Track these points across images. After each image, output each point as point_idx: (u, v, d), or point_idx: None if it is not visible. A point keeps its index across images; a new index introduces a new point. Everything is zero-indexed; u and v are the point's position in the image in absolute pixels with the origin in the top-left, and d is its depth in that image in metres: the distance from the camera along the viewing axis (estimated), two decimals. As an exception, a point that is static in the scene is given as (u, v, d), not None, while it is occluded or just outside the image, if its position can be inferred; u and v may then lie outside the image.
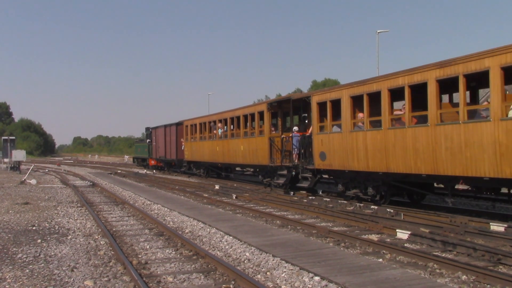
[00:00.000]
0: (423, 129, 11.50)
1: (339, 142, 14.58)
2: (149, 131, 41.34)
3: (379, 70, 38.82)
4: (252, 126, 21.19)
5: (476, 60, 10.18)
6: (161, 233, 10.60)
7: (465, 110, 10.59)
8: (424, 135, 11.48)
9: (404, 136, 12.10)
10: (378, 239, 9.47)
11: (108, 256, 8.38)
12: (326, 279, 6.53)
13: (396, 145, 12.33)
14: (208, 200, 16.84)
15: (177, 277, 6.99)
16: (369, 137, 13.31)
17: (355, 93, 13.88)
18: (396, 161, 12.37)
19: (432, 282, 6.41)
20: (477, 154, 10.13)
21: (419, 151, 11.61)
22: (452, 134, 10.73)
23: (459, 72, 10.51)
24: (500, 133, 9.66)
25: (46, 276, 7.12)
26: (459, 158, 10.55)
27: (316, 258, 7.68)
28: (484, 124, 10.04)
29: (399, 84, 12.19)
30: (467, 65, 10.37)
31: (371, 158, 13.23)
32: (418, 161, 11.65)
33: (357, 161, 13.84)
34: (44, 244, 9.49)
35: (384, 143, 12.75)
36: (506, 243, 8.65)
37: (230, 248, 8.89)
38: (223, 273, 7.10)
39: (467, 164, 10.38)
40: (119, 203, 16.65)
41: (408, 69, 12.14)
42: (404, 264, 7.55)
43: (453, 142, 10.68)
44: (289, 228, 11.05)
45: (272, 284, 6.59)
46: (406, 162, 12.04)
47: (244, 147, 21.32)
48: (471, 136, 10.26)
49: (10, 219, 12.82)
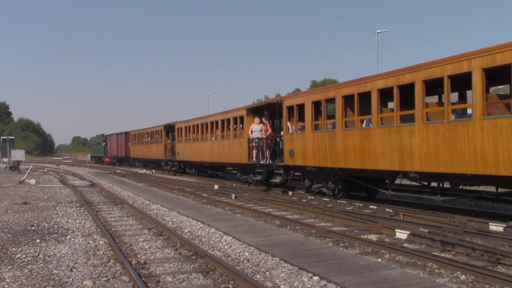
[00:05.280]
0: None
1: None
2: (104, 137, 59.18)
3: (378, 69, 38.78)
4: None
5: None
6: (160, 233, 10.60)
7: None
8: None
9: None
10: (377, 239, 9.48)
11: (107, 256, 8.37)
12: (325, 279, 6.53)
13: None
14: (207, 200, 16.83)
15: (176, 277, 6.99)
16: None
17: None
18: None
19: (431, 282, 6.42)
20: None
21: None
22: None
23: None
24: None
25: (45, 276, 7.11)
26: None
27: (315, 258, 7.68)
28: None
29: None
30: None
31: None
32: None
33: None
34: (43, 244, 9.48)
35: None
36: (505, 243, 8.66)
37: (229, 248, 8.89)
38: (222, 273, 7.09)
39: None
40: (118, 203, 16.64)
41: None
42: (403, 264, 7.56)
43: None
44: (288, 228, 11.05)
45: (271, 284, 6.58)
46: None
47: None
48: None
49: (9, 219, 12.81)
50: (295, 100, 17.24)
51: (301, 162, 16.75)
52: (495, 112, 10.32)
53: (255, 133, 20.25)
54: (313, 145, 15.95)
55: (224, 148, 24.09)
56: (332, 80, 73.12)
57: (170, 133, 35.38)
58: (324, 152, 15.33)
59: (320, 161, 15.54)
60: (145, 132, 41.60)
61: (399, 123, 12.31)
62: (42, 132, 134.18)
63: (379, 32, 37.24)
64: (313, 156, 15.98)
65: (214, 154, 25.74)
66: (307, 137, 16.30)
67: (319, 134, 15.64)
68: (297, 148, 16.98)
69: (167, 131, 35.89)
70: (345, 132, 14.34)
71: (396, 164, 12.43)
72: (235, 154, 22.59)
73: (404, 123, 12.20)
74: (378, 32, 37.15)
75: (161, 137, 36.22)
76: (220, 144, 24.74)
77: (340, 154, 14.51)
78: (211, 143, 26.12)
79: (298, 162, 16.95)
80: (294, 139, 17.22)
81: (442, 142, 10.98)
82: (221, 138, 24.82)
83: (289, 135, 17.55)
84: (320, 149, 15.52)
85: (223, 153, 24.32)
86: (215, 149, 25.47)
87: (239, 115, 22.49)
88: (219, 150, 24.83)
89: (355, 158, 13.90)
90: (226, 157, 23.91)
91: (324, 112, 15.47)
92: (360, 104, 13.77)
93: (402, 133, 12.19)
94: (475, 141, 10.21)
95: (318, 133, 15.66)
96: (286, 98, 18.11)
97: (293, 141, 17.26)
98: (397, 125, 12.33)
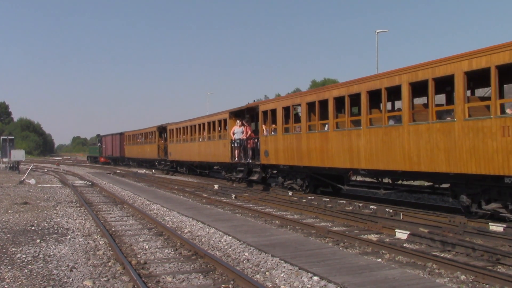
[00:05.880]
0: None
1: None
2: (100, 137, 60.63)
3: (378, 69, 38.76)
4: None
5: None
6: (160, 233, 10.60)
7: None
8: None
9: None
10: (377, 239, 9.48)
11: (107, 256, 8.37)
12: (325, 279, 6.53)
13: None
14: (207, 200, 16.83)
15: (176, 277, 6.99)
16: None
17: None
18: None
19: (431, 282, 6.41)
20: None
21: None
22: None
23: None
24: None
25: (45, 276, 7.11)
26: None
27: (315, 258, 7.68)
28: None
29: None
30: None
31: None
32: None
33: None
34: (43, 244, 9.48)
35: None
36: (505, 243, 8.66)
37: (229, 248, 8.88)
38: (222, 273, 7.09)
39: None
40: (118, 203, 16.64)
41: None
42: (403, 264, 7.56)
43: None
44: (288, 228, 11.05)
45: (271, 284, 6.58)
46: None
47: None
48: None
49: (9, 219, 12.81)
50: (269, 105, 19.20)
51: (274, 161, 18.61)
52: (418, 119, 12.12)
53: (237, 135, 21.99)
54: (284, 146, 17.79)
55: (210, 149, 25.96)
56: (332, 80, 73.14)
57: (163, 134, 37.06)
58: (292, 152, 17.20)
59: (290, 160, 17.45)
60: (139, 133, 43.51)
61: (350, 127, 14.16)
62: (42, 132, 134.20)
63: (379, 32, 37.26)
64: (284, 155, 17.82)
65: (201, 154, 27.61)
66: (279, 138, 18.18)
67: (288, 136, 17.52)
68: (271, 148, 18.82)
69: (160, 132, 37.60)
70: (309, 134, 16.23)
71: (347, 163, 14.26)
72: (220, 154, 24.39)
73: (353, 127, 14.07)
74: (378, 32, 37.17)
75: (154, 137, 38.14)
76: (207, 145, 26.65)
77: (305, 154, 16.37)
78: (199, 143, 27.98)
79: (272, 161, 18.80)
80: (268, 141, 19.08)
81: (381, 144, 12.85)
82: (207, 139, 26.68)
83: (264, 137, 19.42)
84: (289, 149, 17.37)
85: (209, 153, 26.19)
86: (203, 149, 27.36)
87: (223, 118, 24.43)
88: (206, 150, 26.71)
89: (316, 157, 15.78)
90: (212, 157, 25.76)
91: (291, 117, 17.33)
92: (320, 110, 15.61)
93: (351, 136, 14.04)
94: (404, 143, 12.09)
95: (288, 135, 17.54)
96: (261, 104, 20.22)
97: (267, 142, 19.12)
98: (348, 128, 14.20)
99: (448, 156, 10.86)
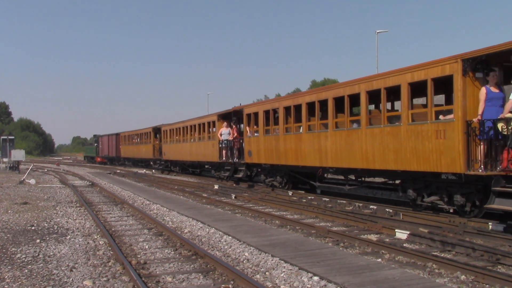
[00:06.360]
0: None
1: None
2: (96, 137, 61.97)
3: (378, 69, 38.76)
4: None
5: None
6: (160, 233, 10.60)
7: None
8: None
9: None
10: (377, 239, 9.48)
11: (107, 256, 8.37)
12: (325, 279, 6.53)
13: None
14: (207, 200, 16.84)
15: (176, 277, 6.99)
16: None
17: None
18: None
19: (431, 282, 6.41)
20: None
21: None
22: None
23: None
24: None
25: (45, 276, 7.11)
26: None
27: (315, 258, 7.68)
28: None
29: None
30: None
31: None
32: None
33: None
34: (43, 244, 9.48)
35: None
36: (505, 243, 8.65)
37: (229, 248, 8.88)
38: (222, 273, 7.09)
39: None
40: (118, 203, 16.64)
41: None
42: (403, 264, 7.56)
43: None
44: (288, 228, 11.05)
45: (271, 284, 6.58)
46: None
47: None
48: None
49: (9, 219, 12.81)
50: (252, 109, 20.84)
51: (257, 160, 20.25)
52: (374, 123, 13.33)
53: (224, 136, 23.57)
54: (265, 146, 19.30)
55: (201, 149, 27.56)
56: (332, 80, 73.12)
57: (158, 134, 38.39)
58: (272, 152, 18.69)
59: (270, 159, 18.97)
60: (135, 134, 45.21)
61: (319, 129, 15.61)
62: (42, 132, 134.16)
63: (379, 32, 37.25)
64: (265, 155, 19.34)
65: (193, 154, 29.22)
66: (260, 139, 19.73)
67: (268, 137, 19.00)
68: (253, 148, 20.43)
69: (155, 133, 38.97)
70: (285, 136, 17.69)
71: (317, 162, 15.64)
72: (209, 154, 25.97)
73: (322, 129, 15.48)
74: (378, 32, 37.17)
75: (150, 138, 39.70)
76: (197, 145, 28.23)
77: (283, 153, 17.83)
78: (190, 144, 29.56)
79: (255, 160, 20.43)
80: (251, 141, 20.71)
81: (344, 145, 14.20)
82: (198, 140, 28.26)
83: (248, 138, 21.01)
84: (270, 149, 18.86)
85: (200, 153, 27.82)
86: (194, 149, 28.95)
87: (212, 120, 26.11)
88: (197, 150, 28.30)
89: (292, 157, 17.23)
90: (203, 157, 27.44)
91: (271, 119, 18.75)
92: (295, 114, 17.03)
93: (320, 138, 15.44)
94: (362, 144, 13.44)
95: (268, 137, 19.01)
96: (245, 107, 21.67)
97: (251, 143, 20.72)
98: (318, 131, 15.64)
99: (396, 156, 12.24)
